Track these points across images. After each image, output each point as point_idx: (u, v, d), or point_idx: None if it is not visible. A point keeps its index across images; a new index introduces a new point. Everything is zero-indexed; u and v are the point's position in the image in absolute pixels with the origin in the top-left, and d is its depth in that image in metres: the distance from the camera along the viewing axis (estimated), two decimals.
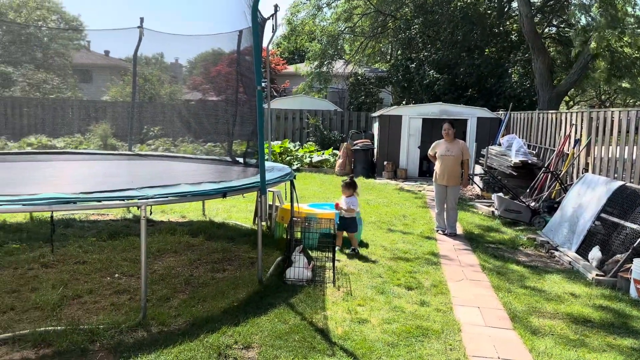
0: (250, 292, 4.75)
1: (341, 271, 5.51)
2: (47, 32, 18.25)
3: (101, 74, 22.55)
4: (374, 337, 3.92)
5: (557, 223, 7.60)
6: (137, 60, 9.56)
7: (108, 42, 13.01)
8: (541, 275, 5.85)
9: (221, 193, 4.44)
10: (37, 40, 16.21)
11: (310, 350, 3.64)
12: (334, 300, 4.65)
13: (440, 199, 7.86)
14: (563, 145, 10.02)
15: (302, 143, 16.52)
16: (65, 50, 18.26)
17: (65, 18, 25.70)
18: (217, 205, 8.73)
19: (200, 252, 6.01)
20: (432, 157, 8.04)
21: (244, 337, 3.80)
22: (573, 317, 4.55)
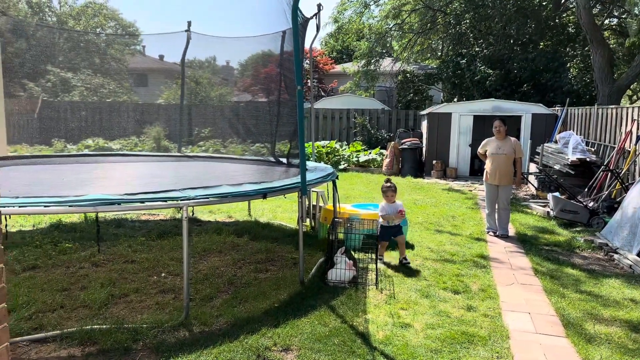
0: (291, 293, 4.72)
1: (384, 273, 5.40)
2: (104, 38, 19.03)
3: (156, 77, 23.31)
4: (416, 342, 3.80)
5: (617, 224, 7.15)
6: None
7: (162, 47, 13.40)
8: (598, 280, 5.52)
9: (261, 194, 4.44)
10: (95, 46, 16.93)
11: (350, 354, 3.57)
12: (376, 304, 4.55)
13: (491, 199, 7.58)
14: (624, 142, 9.44)
15: (348, 142, 16.43)
16: (121, 56, 18.97)
17: (122, 24, 26.75)
18: (263, 206, 8.80)
19: (244, 252, 6.05)
20: (482, 156, 7.76)
21: (283, 339, 3.77)
22: (632, 325, 4.25)
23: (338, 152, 14.75)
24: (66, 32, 17.76)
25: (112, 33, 24.09)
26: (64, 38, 16.58)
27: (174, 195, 4.13)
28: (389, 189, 5.74)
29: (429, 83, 20.03)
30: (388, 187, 5.76)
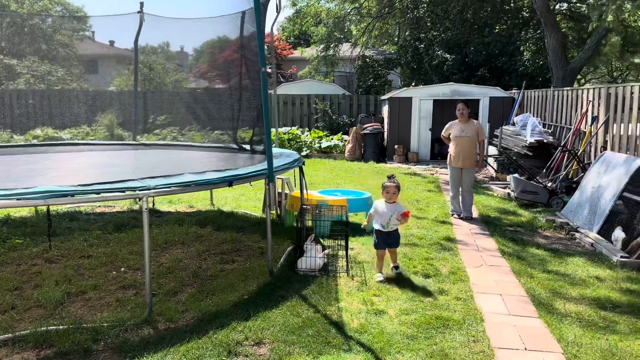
0: (260, 283, 4.56)
1: (355, 260, 5.30)
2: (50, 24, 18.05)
3: (107, 64, 22.36)
4: (391, 329, 3.72)
5: (577, 204, 7.32)
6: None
7: (112, 32, 12.81)
8: (563, 259, 5.60)
9: (227, 182, 4.23)
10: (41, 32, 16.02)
11: (325, 345, 3.45)
12: (348, 291, 4.44)
13: (456, 182, 7.60)
14: (580, 123, 9.68)
15: (310, 129, 16.26)
16: (69, 41, 18.07)
17: (69, 9, 25.47)
18: (226, 195, 8.55)
19: (208, 243, 5.83)
20: (446, 139, 7.76)
21: (254, 333, 3.61)
22: (600, 302, 4.32)
23: (300, 138, 14.57)
24: (8, 16, 16.72)
25: (60, 16, 22.89)
26: (6, 23, 15.61)
27: (133, 185, 3.87)
28: (391, 185, 4.79)
29: (389, 68, 20.04)
30: (390, 184, 4.80)
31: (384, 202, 4.82)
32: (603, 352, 3.40)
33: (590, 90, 9.55)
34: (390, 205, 4.78)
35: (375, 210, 4.85)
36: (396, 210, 4.73)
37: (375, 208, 4.87)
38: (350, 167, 12.47)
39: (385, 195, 4.81)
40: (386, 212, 4.77)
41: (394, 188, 4.79)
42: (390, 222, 4.77)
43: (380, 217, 4.80)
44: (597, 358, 3.33)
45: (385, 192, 4.81)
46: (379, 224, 4.80)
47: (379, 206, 4.83)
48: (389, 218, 4.75)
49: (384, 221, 4.77)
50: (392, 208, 4.76)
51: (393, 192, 4.78)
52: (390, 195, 4.78)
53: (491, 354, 3.40)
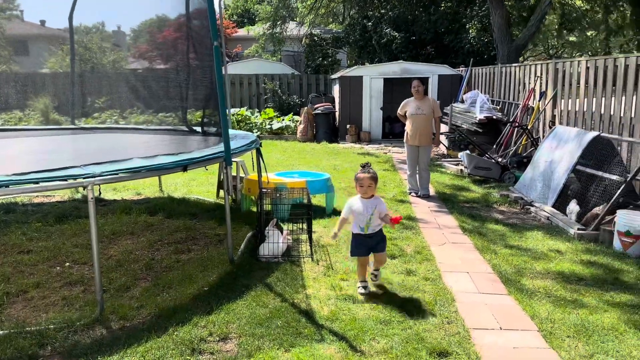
0: (221, 273, 4.29)
1: (318, 243, 5.12)
2: None
3: (38, 45, 20.92)
4: (363, 315, 3.56)
5: (530, 178, 7.43)
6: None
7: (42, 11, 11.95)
8: (522, 233, 5.65)
9: (181, 166, 3.91)
10: None
11: (297, 336, 3.25)
12: (315, 277, 4.26)
13: (413, 160, 7.53)
14: (528, 99, 9.84)
15: (260, 110, 15.85)
16: None
17: None
18: (175, 180, 8.13)
19: (160, 232, 5.47)
20: (402, 117, 7.66)
21: (219, 327, 3.36)
22: (565, 276, 4.34)
23: (250, 120, 14.16)
24: None
25: None
26: None
27: (76, 173, 3.49)
28: (365, 177, 3.84)
29: (337, 47, 19.81)
30: (364, 174, 3.85)
31: (359, 199, 3.87)
32: (576, 327, 3.38)
33: (538, 65, 9.70)
34: (368, 201, 3.85)
35: (350, 211, 3.90)
36: (377, 207, 3.84)
37: (349, 208, 3.90)
38: (303, 148, 12.24)
39: (359, 189, 3.87)
40: (364, 210, 3.83)
41: (368, 180, 3.81)
42: (371, 222, 3.84)
43: (357, 218, 3.88)
44: (571, 333, 3.30)
45: (359, 185, 3.86)
46: (357, 227, 3.90)
47: (354, 204, 3.87)
48: (369, 218, 3.83)
49: (362, 222, 3.85)
50: (371, 204, 3.83)
51: (368, 185, 3.82)
52: (365, 189, 3.82)
53: (467, 335, 3.31)
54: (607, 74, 7.25)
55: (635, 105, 6.56)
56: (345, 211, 3.94)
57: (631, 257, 4.81)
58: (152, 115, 9.82)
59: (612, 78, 7.09)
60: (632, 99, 6.61)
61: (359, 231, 3.91)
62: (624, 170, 5.87)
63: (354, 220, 3.93)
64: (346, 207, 3.94)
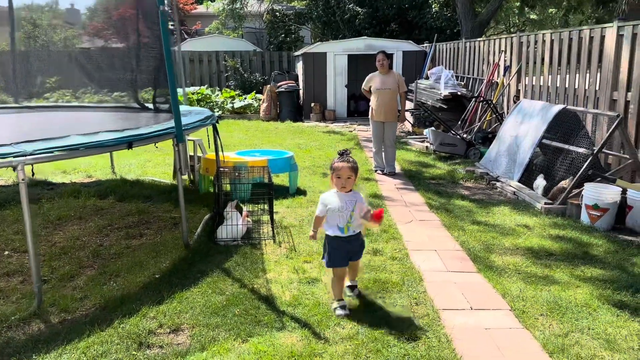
0: (175, 259, 3.98)
1: (280, 224, 4.85)
2: None
3: None
4: (328, 298, 3.34)
5: (496, 154, 7.33)
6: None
7: None
8: (489, 209, 5.53)
9: (125, 143, 3.55)
10: None
11: (255, 325, 3.00)
12: (277, 260, 4.00)
13: (378, 136, 7.32)
14: (492, 74, 9.75)
15: (221, 88, 15.32)
16: None
17: None
18: (130, 161, 7.70)
19: (110, 217, 5.10)
20: (367, 92, 7.41)
21: (170, 318, 3.07)
22: (534, 252, 4.22)
23: (210, 98, 13.65)
24: None
25: None
26: None
27: (4, 152, 3.10)
28: (344, 166, 3.11)
29: (300, 23, 19.31)
30: (342, 164, 3.12)
31: (335, 194, 3.17)
32: (549, 304, 3.25)
33: (502, 39, 9.59)
34: (347, 195, 3.15)
35: (325, 208, 3.16)
36: (357, 202, 3.15)
37: (323, 204, 3.17)
38: (266, 128, 11.88)
39: (335, 182, 3.14)
40: (343, 207, 3.12)
41: (348, 170, 3.10)
42: (352, 221, 3.15)
43: (334, 217, 3.15)
44: (544, 311, 3.17)
45: (336, 176, 3.13)
46: (335, 227, 3.16)
47: (330, 201, 3.15)
48: (349, 216, 3.13)
49: (342, 222, 3.14)
50: (351, 200, 3.15)
51: (348, 177, 3.11)
52: (344, 181, 3.11)
53: (437, 317, 3.13)
54: (571, 46, 7.17)
55: (600, 78, 6.50)
56: (319, 209, 3.19)
57: (599, 230, 4.75)
58: (107, 94, 9.29)
59: (577, 51, 7.01)
60: (596, 71, 6.54)
61: (337, 233, 3.15)
62: (590, 144, 5.80)
63: (328, 221, 3.17)
64: (320, 205, 3.18)
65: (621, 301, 3.27)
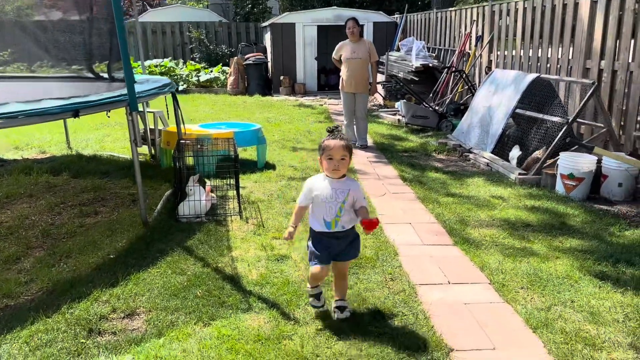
0: (132, 238, 3.69)
1: (248, 199, 4.59)
2: None
3: None
4: (298, 276, 3.12)
5: (468, 125, 7.19)
6: None
7: None
8: (462, 180, 5.39)
9: (71, 111, 3.21)
10: None
11: (219, 306, 2.76)
12: (243, 237, 3.75)
13: (349, 108, 7.07)
14: (464, 44, 9.57)
15: (185, 61, 14.72)
16: None
17: None
18: (87, 136, 7.28)
19: (64, 194, 4.75)
20: (337, 62, 7.12)
21: (125, 302, 2.81)
22: (511, 223, 4.09)
23: (174, 71, 13.11)
24: None
25: None
26: None
27: None
28: (337, 145, 2.52)
29: None
30: (335, 142, 2.53)
31: (324, 179, 2.59)
32: (529, 276, 3.11)
33: (474, 9, 9.39)
34: (339, 182, 2.57)
35: (310, 197, 2.59)
36: (350, 191, 2.57)
37: (308, 192, 2.59)
38: (234, 102, 11.48)
39: (326, 164, 2.54)
40: (332, 196, 2.54)
41: (341, 149, 2.51)
42: (342, 214, 2.56)
43: (320, 208, 2.57)
44: (525, 284, 3.02)
45: (326, 157, 2.53)
46: (320, 220, 2.58)
47: (317, 187, 2.57)
48: (339, 208, 2.56)
49: (329, 214, 2.55)
50: (343, 188, 2.56)
51: (341, 157, 2.52)
52: (337, 162, 2.52)
53: (413, 293, 2.95)
54: (545, 14, 7.02)
55: (573, 47, 6.38)
56: (302, 197, 2.61)
57: (574, 200, 4.65)
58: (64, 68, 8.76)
59: (550, 19, 6.86)
60: (570, 40, 6.41)
61: (321, 228, 2.58)
62: (564, 113, 5.69)
63: (313, 211, 2.62)
64: (305, 191, 2.61)
65: (602, 272, 3.15)
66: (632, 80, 5.48)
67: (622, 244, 3.62)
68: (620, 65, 5.61)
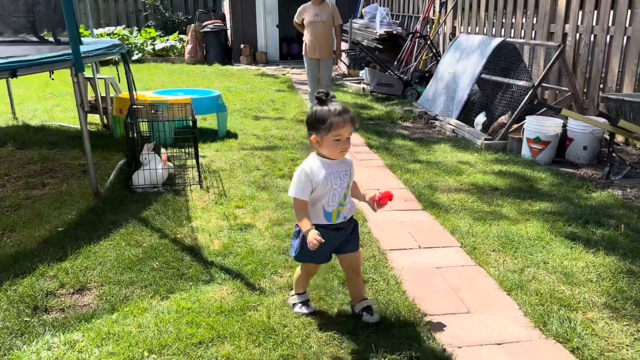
0: (82, 209, 3.43)
1: (208, 168, 4.37)
2: None
3: None
4: (263, 245, 2.96)
5: (433, 92, 7.09)
6: None
7: None
8: (429, 147, 5.31)
9: (8, 70, 2.90)
10: None
11: (178, 279, 2.57)
12: (204, 206, 3.55)
13: (313, 75, 6.84)
14: (428, 10, 9.42)
15: (140, 28, 14.04)
16: None
17: None
18: (35, 106, 6.83)
19: (8, 166, 4.41)
20: (299, 26, 6.84)
21: (74, 277, 2.58)
22: (479, 187, 4.02)
23: (128, 40, 12.49)
24: None
25: None
26: None
27: None
28: (347, 119, 2.04)
29: None
30: (345, 117, 2.03)
31: (321, 163, 2.09)
32: (500, 239, 3.04)
33: None
34: (340, 165, 2.12)
35: (310, 185, 2.06)
36: (351, 171, 2.18)
37: (308, 180, 2.06)
38: (192, 71, 11.05)
39: (332, 145, 2.05)
40: (337, 182, 2.10)
41: (351, 125, 2.06)
42: (345, 202, 2.15)
43: (320, 196, 2.10)
44: (496, 247, 2.95)
45: (334, 137, 2.03)
46: (319, 211, 2.12)
47: (318, 174, 2.06)
48: (344, 195, 2.14)
49: (331, 204, 2.11)
50: (345, 170, 2.14)
51: (349, 134, 2.07)
52: (345, 142, 2.06)
53: (383, 259, 2.84)
54: None
55: (538, 10, 6.32)
56: (302, 188, 2.06)
57: (540, 164, 4.63)
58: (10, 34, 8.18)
59: None
60: (533, 3, 6.35)
61: (321, 221, 2.12)
62: (529, 77, 5.65)
63: (313, 204, 2.12)
64: (303, 180, 2.06)
65: (573, 233, 3.11)
66: (595, 43, 5.47)
67: (590, 205, 3.60)
68: (584, 29, 5.58)
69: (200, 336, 2.09)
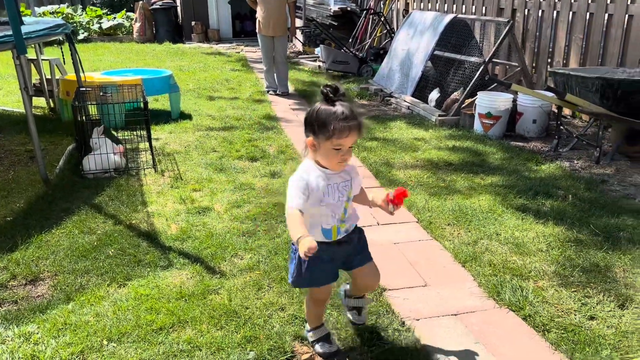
0: (31, 197, 3.31)
1: (162, 151, 4.28)
2: None
3: None
4: (222, 228, 2.93)
5: (389, 69, 7.13)
6: None
7: None
8: (385, 124, 5.36)
9: None
10: None
11: (135, 265, 2.53)
12: (160, 190, 3.48)
13: (268, 53, 6.75)
14: None
15: (85, 6, 13.44)
16: None
17: None
18: None
19: None
20: (252, 3, 6.72)
21: (26, 267, 2.50)
22: (434, 163, 4.11)
23: (73, 18, 11.94)
24: None
25: None
26: None
27: None
28: (353, 125, 1.66)
29: None
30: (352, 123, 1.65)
31: (320, 174, 1.74)
32: (454, 212, 3.12)
33: None
34: (340, 175, 1.78)
35: (306, 197, 1.69)
36: (353, 180, 1.84)
37: (305, 189, 1.69)
38: (142, 50, 10.69)
39: (330, 155, 1.71)
40: (335, 195, 1.77)
41: (356, 134, 1.70)
42: (345, 217, 1.84)
43: (317, 212, 1.76)
44: (451, 221, 3.03)
45: (333, 145, 1.67)
46: (317, 228, 1.78)
47: (317, 184, 1.72)
48: (343, 210, 1.82)
49: (331, 219, 1.79)
50: (345, 180, 1.80)
51: (353, 143, 1.72)
52: (346, 153, 1.71)
53: None
54: None
55: None
56: (298, 198, 1.66)
57: (492, 138, 4.76)
58: None
59: None
60: None
61: (320, 238, 1.77)
62: (481, 53, 5.76)
63: (313, 216, 1.77)
64: (299, 191, 1.68)
65: (523, 204, 3.24)
66: (543, 18, 5.62)
67: (539, 177, 3.74)
68: (532, 4, 5.71)
69: (161, 322, 2.08)
